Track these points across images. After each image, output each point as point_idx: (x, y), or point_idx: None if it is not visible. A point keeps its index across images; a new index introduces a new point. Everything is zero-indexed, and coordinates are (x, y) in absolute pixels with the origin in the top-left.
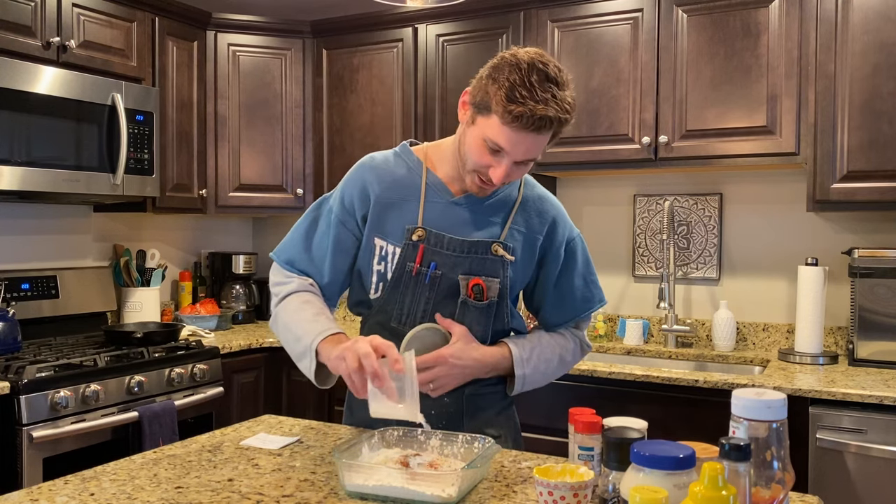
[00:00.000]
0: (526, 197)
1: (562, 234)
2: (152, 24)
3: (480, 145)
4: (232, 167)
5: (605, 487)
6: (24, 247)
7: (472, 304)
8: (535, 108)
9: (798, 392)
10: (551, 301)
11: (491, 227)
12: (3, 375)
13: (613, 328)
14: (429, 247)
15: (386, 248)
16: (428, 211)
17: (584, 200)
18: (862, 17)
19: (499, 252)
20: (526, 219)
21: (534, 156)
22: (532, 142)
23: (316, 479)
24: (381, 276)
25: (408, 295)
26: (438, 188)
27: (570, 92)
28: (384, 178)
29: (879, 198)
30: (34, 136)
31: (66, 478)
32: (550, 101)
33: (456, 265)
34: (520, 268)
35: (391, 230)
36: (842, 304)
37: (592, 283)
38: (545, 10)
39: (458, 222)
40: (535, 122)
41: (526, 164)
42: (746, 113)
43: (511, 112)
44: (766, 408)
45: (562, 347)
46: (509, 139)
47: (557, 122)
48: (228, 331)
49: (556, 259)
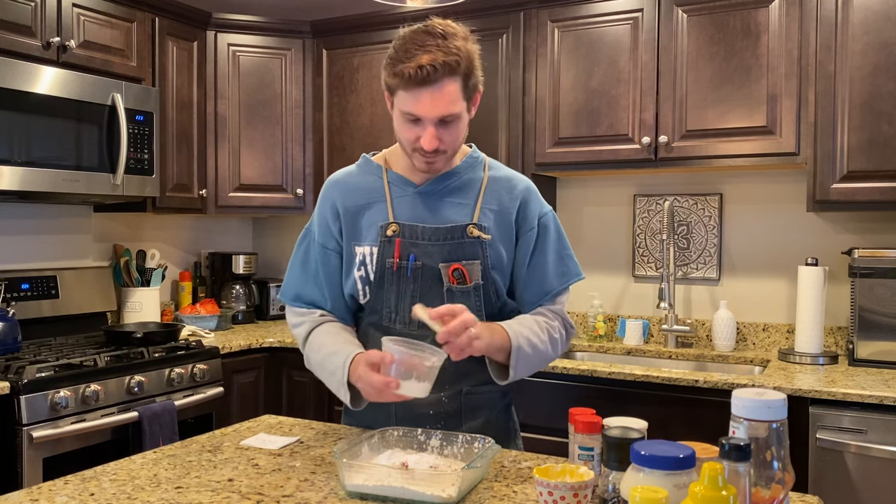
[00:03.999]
0: (493, 177)
1: (534, 210)
2: (152, 24)
3: (402, 121)
4: (232, 167)
5: (605, 487)
6: (24, 247)
7: (456, 290)
8: (419, 59)
9: (798, 392)
10: (527, 278)
11: (462, 211)
12: (3, 375)
13: (613, 328)
14: (405, 240)
15: (365, 253)
16: (397, 206)
17: (584, 200)
18: (862, 17)
19: (474, 233)
20: (497, 197)
21: (449, 110)
22: (435, 95)
23: (316, 479)
24: (365, 281)
25: (393, 291)
26: (400, 182)
27: (462, 41)
28: (347, 188)
29: (879, 198)
30: (34, 136)
31: (66, 478)
32: (434, 49)
33: (434, 253)
34: (499, 246)
35: (366, 234)
36: (842, 304)
37: (568, 257)
38: (545, 10)
39: (428, 211)
40: (423, 73)
41: (451, 123)
42: (746, 113)
43: (400, 74)
44: (766, 408)
45: (548, 325)
46: (414, 101)
47: (448, 68)
48: (228, 331)
49: (530, 235)
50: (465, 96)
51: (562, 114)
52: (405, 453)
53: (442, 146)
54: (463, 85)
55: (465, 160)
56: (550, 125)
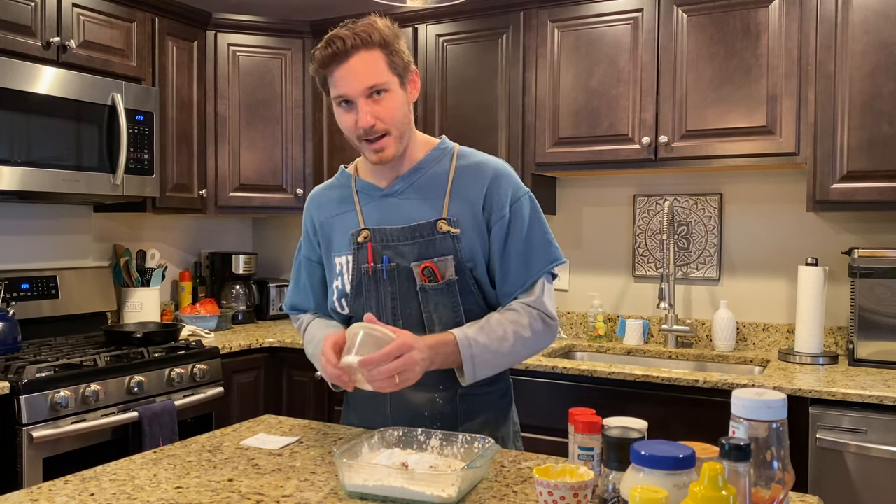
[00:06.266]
0: (461, 166)
1: (504, 195)
2: (152, 24)
3: (339, 112)
4: (232, 167)
5: (605, 487)
6: (24, 247)
7: (430, 289)
8: (330, 37)
9: (798, 392)
10: (503, 268)
11: (431, 207)
12: (3, 375)
13: (613, 328)
14: (376, 244)
15: (342, 263)
16: (366, 212)
17: (584, 200)
18: (862, 17)
19: (444, 228)
20: (464, 187)
21: (374, 80)
22: (354, 68)
23: (316, 479)
24: (342, 293)
25: (372, 297)
26: (367, 188)
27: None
28: (321, 202)
29: (879, 198)
30: (34, 136)
31: (66, 478)
32: (342, 30)
33: (407, 253)
34: (472, 237)
35: (341, 244)
36: (842, 304)
37: (546, 242)
38: (545, 10)
39: (397, 212)
40: (334, 48)
41: (382, 97)
42: (746, 113)
43: (316, 59)
44: (766, 408)
45: (514, 323)
46: (337, 80)
47: (359, 39)
48: (228, 331)
49: (502, 222)
50: (393, 69)
51: (562, 114)
52: (405, 453)
53: (380, 124)
54: (385, 57)
55: (431, 153)
56: (550, 125)
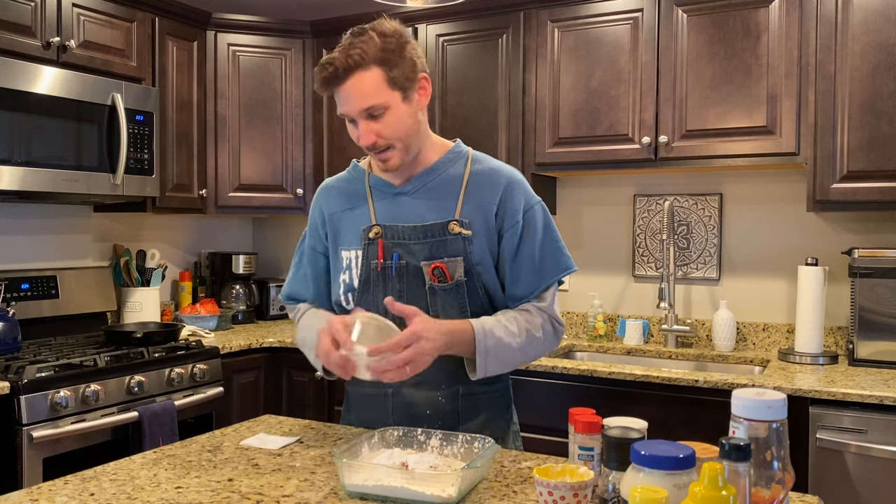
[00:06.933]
0: (475, 171)
1: (517, 204)
2: (152, 24)
3: (347, 127)
4: (232, 167)
5: (605, 487)
6: (24, 247)
7: (438, 288)
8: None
9: (798, 392)
10: (514, 273)
11: (444, 208)
12: (3, 375)
13: (613, 328)
14: (387, 240)
15: (350, 257)
16: (378, 208)
17: (584, 200)
18: (862, 17)
19: (456, 230)
20: (479, 191)
21: (369, 102)
22: (349, 91)
23: (316, 479)
24: (349, 287)
25: (380, 293)
26: (381, 185)
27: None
28: (333, 194)
29: (879, 198)
30: (34, 136)
31: (66, 478)
32: (338, 50)
33: (417, 252)
34: (483, 242)
35: (351, 238)
36: (842, 304)
37: (557, 250)
38: (545, 10)
39: (410, 211)
40: (327, 72)
41: (380, 115)
42: (746, 113)
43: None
44: (766, 408)
45: (528, 322)
46: (338, 100)
47: (352, 61)
48: (228, 331)
49: (515, 229)
50: (392, 85)
51: (562, 114)
52: (405, 453)
53: (381, 140)
54: (384, 73)
55: (445, 156)
56: (550, 125)
